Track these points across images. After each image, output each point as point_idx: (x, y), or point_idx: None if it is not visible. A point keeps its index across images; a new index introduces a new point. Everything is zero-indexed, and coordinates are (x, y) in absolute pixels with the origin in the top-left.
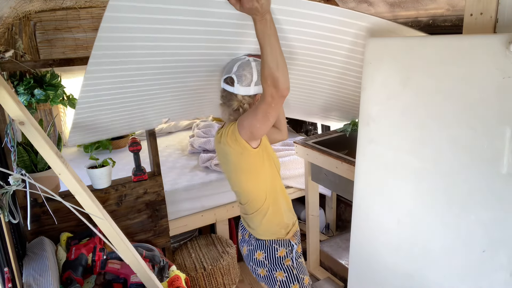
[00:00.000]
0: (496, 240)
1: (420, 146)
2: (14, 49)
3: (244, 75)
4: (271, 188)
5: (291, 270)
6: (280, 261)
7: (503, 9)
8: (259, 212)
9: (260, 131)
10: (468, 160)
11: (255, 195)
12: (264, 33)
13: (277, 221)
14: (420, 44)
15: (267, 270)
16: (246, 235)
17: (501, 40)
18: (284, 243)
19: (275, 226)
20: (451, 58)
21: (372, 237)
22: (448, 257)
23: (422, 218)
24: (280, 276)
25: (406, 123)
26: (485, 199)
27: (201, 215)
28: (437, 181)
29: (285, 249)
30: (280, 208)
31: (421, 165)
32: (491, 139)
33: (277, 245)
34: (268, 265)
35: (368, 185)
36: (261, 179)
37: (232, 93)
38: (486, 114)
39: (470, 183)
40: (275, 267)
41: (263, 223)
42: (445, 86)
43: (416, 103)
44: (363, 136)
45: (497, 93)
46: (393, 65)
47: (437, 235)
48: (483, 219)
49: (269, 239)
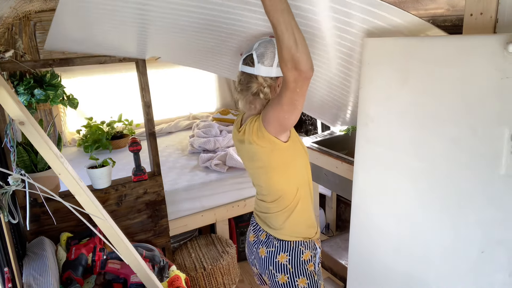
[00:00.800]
0: (495, 240)
1: (419, 146)
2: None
3: (266, 53)
4: (302, 182)
5: (313, 276)
6: (304, 266)
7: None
8: (287, 209)
9: (289, 121)
10: (467, 161)
11: (286, 191)
12: (276, 8)
13: (305, 219)
14: (419, 44)
15: (288, 277)
16: (262, 235)
17: (501, 40)
18: (310, 246)
19: (302, 225)
20: (451, 58)
21: (371, 237)
22: (447, 257)
23: (421, 218)
24: (302, 283)
25: (405, 123)
26: (484, 200)
27: (201, 215)
28: (436, 181)
29: (310, 252)
30: (309, 205)
31: (419, 165)
32: (490, 139)
33: (303, 247)
34: (291, 270)
35: (367, 185)
36: (293, 174)
37: (252, 75)
38: (485, 114)
39: (469, 183)
40: (298, 273)
41: (290, 222)
42: (444, 86)
43: (414, 103)
44: (362, 136)
45: (496, 93)
46: (392, 65)
47: (436, 235)
48: (482, 219)
49: (295, 240)
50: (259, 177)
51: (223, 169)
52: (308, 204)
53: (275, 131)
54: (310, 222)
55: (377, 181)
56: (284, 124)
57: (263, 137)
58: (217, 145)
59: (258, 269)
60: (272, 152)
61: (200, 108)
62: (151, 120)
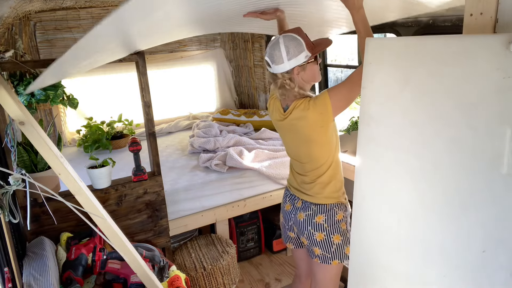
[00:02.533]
0: (496, 240)
1: (420, 146)
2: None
3: (275, 54)
4: (335, 157)
5: (346, 233)
6: (338, 224)
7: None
8: (324, 177)
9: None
10: (468, 160)
11: (323, 163)
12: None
13: (336, 186)
14: (420, 44)
15: (325, 234)
16: (298, 203)
17: (501, 40)
18: (342, 207)
19: (336, 191)
20: (451, 58)
21: (372, 237)
22: (448, 257)
23: (422, 218)
24: (337, 239)
25: (406, 123)
26: (485, 199)
27: (201, 215)
28: (437, 181)
29: (343, 213)
30: (341, 176)
31: (421, 165)
32: (491, 139)
33: (337, 208)
34: (327, 228)
35: (368, 185)
36: (329, 149)
37: (272, 74)
38: (486, 114)
39: (470, 183)
40: (333, 231)
41: (327, 189)
42: (445, 86)
43: (416, 103)
44: (363, 136)
45: (497, 93)
46: (393, 65)
47: (437, 235)
48: (483, 219)
49: (330, 203)
50: (307, 151)
51: (223, 169)
52: (339, 173)
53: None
54: (340, 188)
55: (379, 181)
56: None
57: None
58: (217, 145)
59: (296, 232)
60: (321, 127)
61: (200, 108)
62: (151, 120)
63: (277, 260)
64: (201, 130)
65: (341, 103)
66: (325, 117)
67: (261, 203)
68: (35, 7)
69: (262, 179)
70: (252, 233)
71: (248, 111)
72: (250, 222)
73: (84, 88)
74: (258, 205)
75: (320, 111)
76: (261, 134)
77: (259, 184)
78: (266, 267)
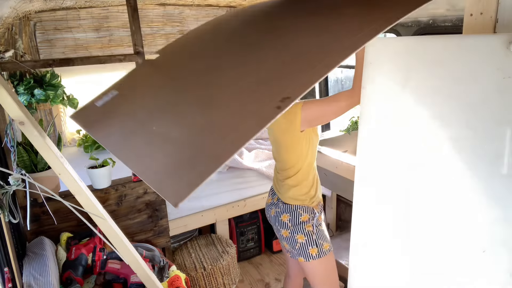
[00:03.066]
0: (496, 240)
1: (420, 146)
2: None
3: None
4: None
5: (311, 235)
6: (303, 225)
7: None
8: (291, 180)
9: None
10: (468, 160)
11: (290, 166)
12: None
13: (304, 191)
14: (420, 44)
15: (289, 232)
16: (275, 199)
17: (501, 40)
18: (308, 210)
19: (302, 195)
20: (451, 58)
21: (372, 236)
22: (448, 257)
23: (422, 218)
24: (301, 239)
25: (406, 123)
26: (485, 199)
27: (201, 215)
28: (438, 181)
29: (308, 215)
30: (309, 183)
31: (421, 165)
32: (492, 139)
33: (301, 210)
34: (291, 227)
35: (368, 185)
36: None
37: None
38: (486, 114)
39: (470, 183)
40: (297, 230)
41: (292, 190)
42: (445, 86)
43: (416, 103)
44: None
45: (497, 93)
46: (393, 65)
47: (437, 235)
48: (483, 219)
49: (295, 204)
50: (276, 151)
51: (223, 169)
52: (308, 183)
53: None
54: (308, 195)
55: (379, 181)
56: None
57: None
58: None
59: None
60: (287, 132)
61: None
62: None
63: (277, 260)
64: None
65: (311, 118)
66: (292, 125)
67: (261, 203)
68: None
69: (262, 179)
70: (252, 233)
71: None
72: (250, 222)
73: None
74: (258, 205)
75: (288, 117)
76: (261, 134)
77: (259, 184)
78: (266, 267)
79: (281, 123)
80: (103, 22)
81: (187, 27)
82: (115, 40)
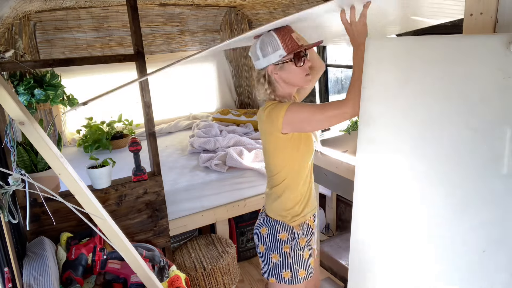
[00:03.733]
0: (496, 240)
1: (420, 146)
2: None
3: (252, 51)
4: (290, 176)
5: (287, 257)
6: (280, 244)
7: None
8: (274, 190)
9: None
10: (468, 160)
11: (275, 173)
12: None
13: (288, 206)
14: (420, 44)
15: (265, 248)
16: (263, 208)
17: (501, 40)
18: (287, 229)
19: (283, 210)
20: (451, 58)
21: (372, 237)
22: (448, 257)
23: (422, 218)
24: (275, 258)
25: (406, 123)
26: (485, 199)
27: (201, 215)
28: (437, 181)
29: (287, 235)
30: (295, 198)
31: (421, 165)
32: (492, 139)
33: (280, 227)
34: (268, 243)
35: (368, 185)
36: (280, 162)
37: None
38: (487, 114)
39: (470, 183)
40: (272, 248)
41: (276, 203)
42: (445, 86)
43: (416, 103)
44: (363, 136)
45: (498, 93)
46: (393, 66)
47: (437, 235)
48: (483, 219)
49: (275, 219)
50: (264, 155)
51: (223, 169)
52: (295, 197)
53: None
54: (290, 211)
55: (379, 181)
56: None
57: (271, 121)
58: (217, 145)
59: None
60: (270, 135)
61: (200, 108)
62: (151, 120)
63: None
64: (201, 130)
65: (293, 120)
66: (273, 127)
67: (261, 203)
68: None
69: (262, 179)
70: (252, 233)
71: (248, 111)
72: (250, 222)
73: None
74: (258, 205)
75: (270, 118)
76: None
77: (259, 184)
78: None
79: (264, 122)
80: (103, 22)
81: (187, 27)
82: (115, 40)
